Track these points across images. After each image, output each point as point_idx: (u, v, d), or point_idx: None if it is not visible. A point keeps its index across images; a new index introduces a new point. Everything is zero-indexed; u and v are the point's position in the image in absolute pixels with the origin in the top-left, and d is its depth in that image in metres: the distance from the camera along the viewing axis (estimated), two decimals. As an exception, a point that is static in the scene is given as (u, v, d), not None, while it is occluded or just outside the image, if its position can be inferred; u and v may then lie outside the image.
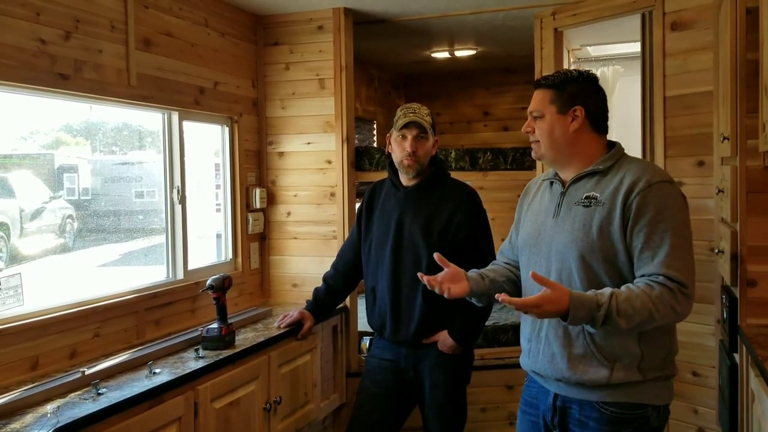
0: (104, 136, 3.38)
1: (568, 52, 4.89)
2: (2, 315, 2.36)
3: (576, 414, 1.92)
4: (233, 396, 2.70)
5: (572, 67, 4.93)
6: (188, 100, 3.27)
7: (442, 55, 5.16)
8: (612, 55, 5.01)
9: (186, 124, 3.31)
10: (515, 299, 1.73)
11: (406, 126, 2.69)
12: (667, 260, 1.78)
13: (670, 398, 1.95)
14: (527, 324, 2.02)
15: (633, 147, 3.82)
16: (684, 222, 1.86)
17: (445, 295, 1.96)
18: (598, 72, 5.04)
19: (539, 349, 1.95)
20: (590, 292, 1.77)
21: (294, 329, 3.10)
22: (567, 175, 2.00)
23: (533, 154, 2.03)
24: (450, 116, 6.13)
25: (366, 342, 3.81)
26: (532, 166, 3.85)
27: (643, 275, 1.80)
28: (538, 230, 2.01)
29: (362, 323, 3.63)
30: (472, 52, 5.10)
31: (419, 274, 2.00)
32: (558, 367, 1.90)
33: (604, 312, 1.72)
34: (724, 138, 2.59)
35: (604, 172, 1.93)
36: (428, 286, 1.97)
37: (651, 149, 3.38)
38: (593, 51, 5.09)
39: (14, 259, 2.87)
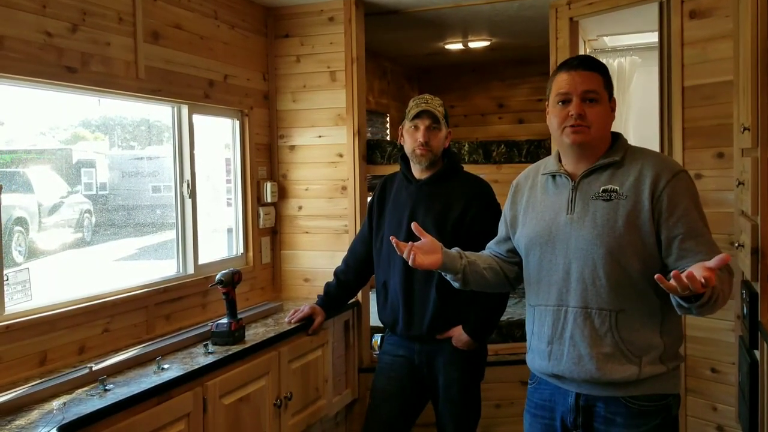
0: (122, 131, 3.40)
1: (584, 42, 4.80)
2: (10, 310, 2.35)
3: (602, 411, 1.88)
4: (243, 392, 2.68)
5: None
6: (198, 93, 3.25)
7: (455, 46, 5.10)
8: (629, 46, 4.93)
9: (196, 117, 3.28)
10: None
11: (418, 116, 2.65)
12: (711, 247, 1.80)
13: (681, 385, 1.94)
14: (545, 325, 1.93)
15: (651, 139, 3.76)
16: (703, 210, 1.88)
17: (410, 263, 1.90)
18: (614, 63, 4.96)
19: (563, 352, 1.88)
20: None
21: (305, 324, 3.07)
22: (577, 167, 1.92)
23: (576, 138, 1.85)
24: (464, 109, 6.07)
25: (377, 339, 3.77)
26: (546, 159, 3.79)
27: (698, 262, 1.71)
28: (548, 228, 1.92)
29: (374, 318, 3.60)
30: (486, 44, 5.03)
31: (390, 237, 1.97)
32: (586, 369, 1.85)
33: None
34: (745, 129, 2.52)
35: (618, 163, 1.87)
36: (398, 251, 1.92)
37: (669, 141, 3.30)
38: (609, 41, 5.01)
39: (32, 253, 2.88)
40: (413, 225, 1.99)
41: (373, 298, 3.61)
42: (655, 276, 1.57)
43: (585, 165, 1.91)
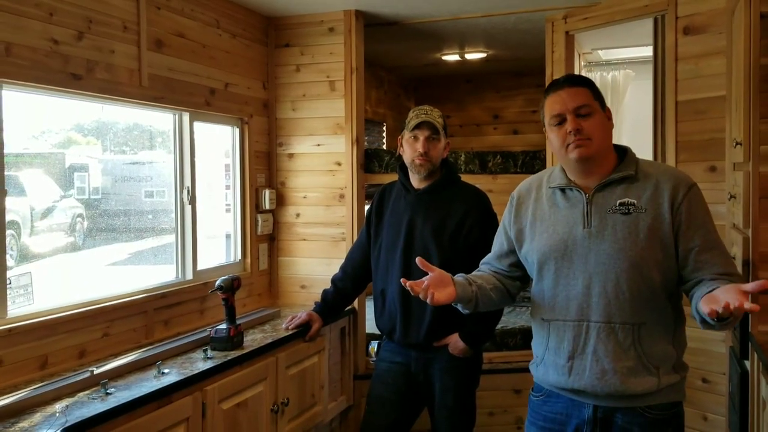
0: (115, 136, 3.39)
1: (579, 55, 4.87)
2: (12, 314, 2.37)
3: (619, 422, 1.88)
4: (241, 397, 2.70)
5: (582, 71, 4.92)
6: (199, 100, 3.28)
7: (452, 57, 5.16)
8: (623, 59, 5.00)
9: (197, 124, 3.32)
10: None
11: (418, 126, 2.69)
12: (727, 259, 1.84)
13: None
14: (565, 340, 1.90)
15: (644, 152, 3.81)
16: None
17: (428, 301, 1.85)
18: (609, 76, 5.03)
19: (585, 366, 1.86)
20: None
21: (302, 331, 3.09)
22: (588, 181, 1.89)
23: (581, 153, 1.83)
24: (460, 119, 6.12)
25: (374, 346, 3.79)
26: (541, 170, 3.83)
27: (714, 274, 1.80)
28: (563, 242, 1.89)
29: (370, 325, 3.62)
30: (482, 55, 5.09)
31: (402, 280, 1.87)
32: (609, 383, 1.84)
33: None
34: (737, 143, 2.57)
35: (633, 177, 1.87)
36: (412, 292, 1.85)
37: (662, 154, 3.36)
38: (604, 55, 5.08)
39: (24, 257, 2.89)
40: (418, 260, 1.92)
41: (369, 305, 3.63)
42: (707, 311, 1.60)
43: (596, 178, 1.89)
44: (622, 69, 4.99)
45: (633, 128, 4.97)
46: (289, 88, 3.89)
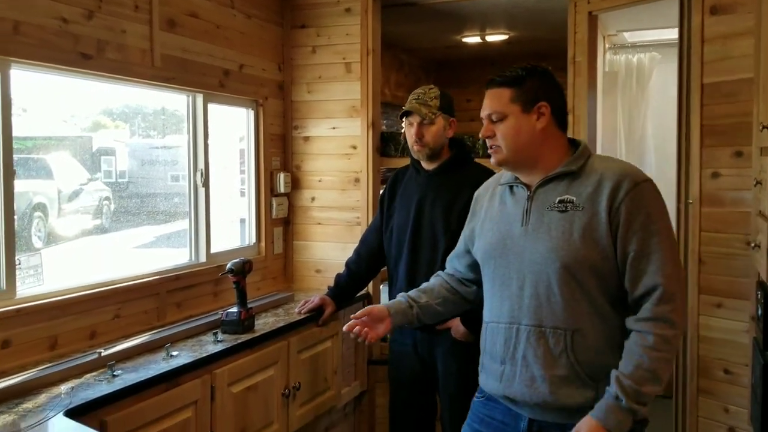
0: (142, 121, 3.42)
1: (603, 38, 4.75)
2: (22, 294, 2.36)
3: None
4: (251, 381, 2.68)
5: (607, 54, 4.80)
6: (213, 82, 3.25)
7: (473, 39, 5.07)
8: (649, 42, 4.87)
9: (211, 107, 3.29)
10: None
11: (405, 114, 2.72)
12: (663, 269, 1.68)
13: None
14: (497, 343, 1.82)
15: (669, 136, 3.71)
16: (669, 223, 1.77)
17: (361, 340, 2.03)
18: (634, 59, 4.91)
19: (515, 373, 1.78)
20: (609, 390, 1.67)
21: (315, 315, 3.07)
22: (531, 178, 1.84)
23: (493, 161, 1.85)
24: (481, 102, 6.00)
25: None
26: (562, 155, 3.75)
27: (636, 295, 1.71)
28: (502, 240, 1.84)
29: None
30: (504, 37, 4.99)
31: (344, 328, 2.06)
32: (538, 392, 1.74)
33: (623, 394, 1.64)
34: (764, 127, 2.47)
35: (576, 173, 1.78)
36: (351, 337, 2.04)
37: (687, 139, 3.25)
38: (629, 37, 4.95)
39: (51, 239, 2.91)
40: (346, 328, 2.07)
41: (384, 290, 3.61)
42: None
43: (538, 175, 1.83)
44: (647, 52, 4.86)
45: (658, 113, 4.86)
46: (304, 69, 3.83)
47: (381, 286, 3.81)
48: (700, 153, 3.08)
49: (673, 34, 4.21)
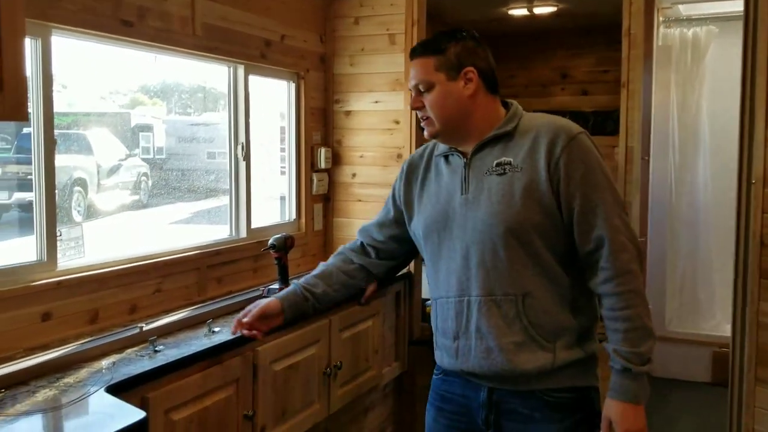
0: (180, 98, 3.40)
1: (657, 10, 4.55)
2: (63, 266, 2.33)
3: (518, 407, 1.74)
4: (293, 359, 2.62)
5: (660, 28, 4.60)
6: (254, 53, 3.16)
7: (520, 12, 4.89)
8: (706, 15, 4.66)
9: (252, 79, 3.20)
10: None
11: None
12: (609, 220, 1.66)
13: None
14: (449, 319, 1.79)
15: (726, 115, 3.52)
16: (609, 173, 1.71)
17: (248, 335, 1.98)
18: (689, 32, 4.70)
19: (470, 347, 1.75)
20: (614, 367, 1.68)
21: (356, 293, 2.99)
22: (467, 146, 1.79)
23: (426, 134, 1.81)
24: (525, 79, 5.86)
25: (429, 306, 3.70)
26: (614, 131, 3.60)
27: (587, 250, 1.68)
28: (444, 212, 1.79)
29: (426, 290, 3.50)
30: (552, 9, 4.80)
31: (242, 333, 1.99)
32: (496, 362, 1.71)
33: (629, 363, 1.64)
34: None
35: (510, 134, 1.73)
36: (243, 336, 1.98)
37: (751, 117, 3.07)
38: (684, 10, 4.74)
39: (91, 213, 2.91)
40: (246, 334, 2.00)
41: (425, 270, 3.51)
42: None
43: (473, 142, 1.77)
44: (704, 25, 4.65)
45: (714, 89, 4.65)
46: (347, 41, 3.72)
47: (422, 266, 3.72)
48: (765, 132, 2.91)
49: (731, 7, 4.01)
